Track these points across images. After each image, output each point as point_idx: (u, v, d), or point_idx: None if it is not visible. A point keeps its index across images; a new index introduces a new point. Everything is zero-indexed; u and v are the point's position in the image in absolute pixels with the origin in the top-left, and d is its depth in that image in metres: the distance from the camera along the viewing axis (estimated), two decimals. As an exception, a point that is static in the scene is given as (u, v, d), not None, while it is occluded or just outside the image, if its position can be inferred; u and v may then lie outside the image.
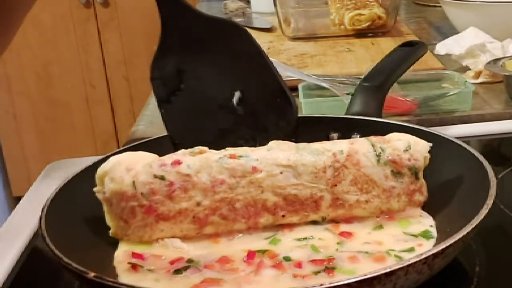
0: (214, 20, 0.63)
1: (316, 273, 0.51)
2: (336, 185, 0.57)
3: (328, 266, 0.52)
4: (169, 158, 0.56)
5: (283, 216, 0.57)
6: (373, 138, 0.60)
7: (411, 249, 0.54)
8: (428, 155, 0.59)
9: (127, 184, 0.55)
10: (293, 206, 0.57)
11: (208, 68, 0.63)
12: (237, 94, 0.62)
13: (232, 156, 0.56)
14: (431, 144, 0.59)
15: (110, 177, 0.55)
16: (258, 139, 0.61)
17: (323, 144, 0.59)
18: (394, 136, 0.61)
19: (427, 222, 0.58)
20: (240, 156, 0.56)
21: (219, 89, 0.63)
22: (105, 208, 0.57)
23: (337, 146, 0.59)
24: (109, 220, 0.57)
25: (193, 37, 0.62)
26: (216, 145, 0.58)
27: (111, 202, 0.56)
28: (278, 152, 0.57)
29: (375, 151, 0.58)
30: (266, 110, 0.62)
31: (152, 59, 0.63)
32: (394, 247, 0.55)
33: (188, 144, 0.58)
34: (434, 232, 0.57)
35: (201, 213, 0.56)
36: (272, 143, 0.59)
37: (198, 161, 0.56)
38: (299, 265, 0.52)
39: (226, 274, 0.52)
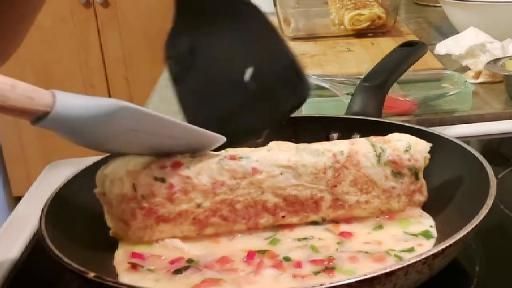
0: None
1: (316, 273, 0.51)
2: (336, 186, 0.57)
3: (328, 266, 0.52)
4: (169, 160, 0.56)
5: (283, 217, 0.57)
6: (373, 138, 0.60)
7: (411, 249, 0.54)
8: (428, 155, 0.59)
9: (127, 187, 0.55)
10: (293, 207, 0.57)
11: (221, 45, 0.63)
12: (249, 70, 0.62)
13: (232, 158, 0.56)
14: (431, 144, 0.59)
15: (110, 180, 0.55)
16: (269, 115, 0.61)
17: (323, 145, 0.59)
18: (394, 136, 0.60)
19: (427, 222, 0.59)
20: (241, 158, 0.56)
21: (232, 65, 0.63)
22: (105, 209, 0.56)
23: (337, 147, 0.59)
24: (109, 220, 0.56)
25: (206, 15, 0.63)
26: (229, 120, 0.59)
27: (111, 203, 0.56)
28: (278, 153, 0.57)
29: (375, 151, 0.58)
30: (278, 85, 0.62)
31: (166, 38, 0.64)
32: (394, 247, 0.55)
33: (201, 119, 0.58)
34: (434, 232, 0.57)
35: (202, 214, 0.56)
36: (272, 144, 0.59)
37: (198, 163, 0.56)
38: (299, 265, 0.52)
39: (226, 274, 0.52)
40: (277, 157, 0.57)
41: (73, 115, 0.48)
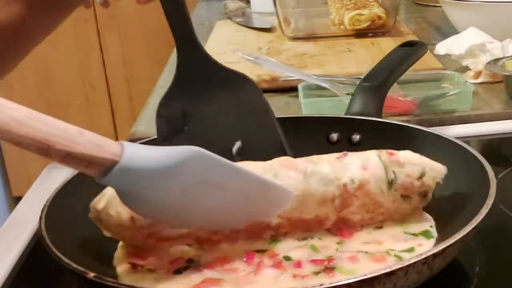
0: (229, 71, 0.64)
1: (316, 273, 0.51)
2: (342, 211, 0.56)
3: (328, 266, 0.52)
4: None
5: (285, 232, 0.56)
6: (386, 159, 0.57)
7: (411, 249, 0.54)
8: (441, 181, 0.58)
9: (125, 218, 0.54)
10: (296, 225, 0.56)
11: (213, 115, 0.64)
12: (237, 144, 0.64)
13: None
14: (446, 170, 0.57)
15: (106, 213, 0.54)
16: None
17: (334, 167, 0.56)
18: (409, 158, 0.57)
19: (427, 222, 0.58)
20: None
21: (221, 136, 0.64)
22: (101, 227, 0.56)
23: (348, 174, 0.56)
24: (107, 234, 0.56)
25: (205, 84, 0.64)
26: None
27: (109, 228, 0.55)
28: (286, 179, 0.55)
29: (387, 177, 0.56)
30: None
31: (162, 97, 0.64)
32: (394, 247, 0.55)
33: None
34: (434, 232, 0.57)
35: (204, 234, 0.55)
36: (276, 162, 0.56)
37: None
38: (299, 265, 0.52)
39: (226, 274, 0.52)
40: (284, 184, 0.55)
41: (142, 165, 0.46)
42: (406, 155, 0.57)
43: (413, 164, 0.57)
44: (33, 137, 0.42)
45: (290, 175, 0.55)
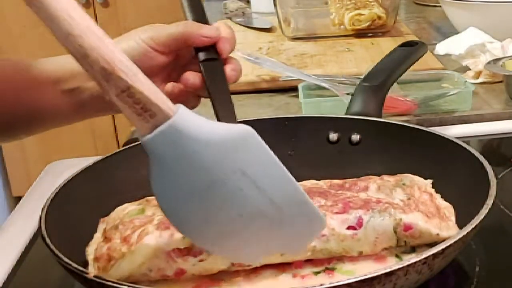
0: None
1: (316, 273, 0.51)
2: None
3: (328, 267, 0.52)
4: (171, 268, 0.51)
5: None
6: (401, 232, 0.52)
7: (411, 249, 0.54)
8: None
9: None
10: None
11: None
12: None
13: None
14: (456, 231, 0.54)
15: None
16: None
17: (343, 243, 0.52)
18: (424, 233, 0.53)
19: None
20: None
21: None
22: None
23: (358, 250, 0.52)
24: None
25: None
26: None
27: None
28: None
29: (397, 243, 0.53)
30: None
31: None
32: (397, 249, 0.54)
33: None
34: None
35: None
36: None
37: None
38: (299, 265, 0.52)
39: (226, 274, 0.52)
40: None
41: (193, 130, 0.41)
42: (422, 229, 0.53)
43: (428, 236, 0.53)
44: (102, 54, 0.40)
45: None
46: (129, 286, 0.45)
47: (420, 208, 0.54)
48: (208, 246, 0.48)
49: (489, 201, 0.52)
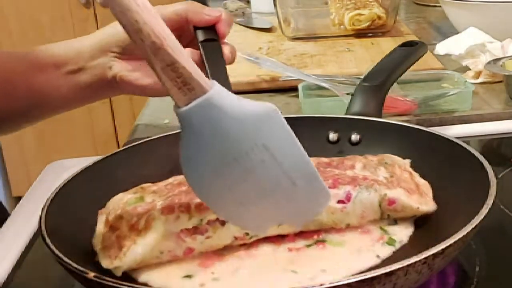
0: None
1: (308, 246, 0.54)
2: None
3: (318, 239, 0.54)
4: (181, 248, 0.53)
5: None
6: (385, 206, 0.57)
7: (394, 223, 0.57)
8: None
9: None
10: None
11: None
12: None
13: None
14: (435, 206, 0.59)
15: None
16: None
17: (333, 216, 0.56)
18: (406, 207, 0.57)
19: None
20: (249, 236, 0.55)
21: None
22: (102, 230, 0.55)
23: (346, 222, 0.56)
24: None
25: None
26: None
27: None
28: None
29: (381, 216, 0.57)
30: None
31: None
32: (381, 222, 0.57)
33: None
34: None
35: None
36: None
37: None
38: (292, 239, 0.54)
39: (228, 249, 0.54)
40: None
41: (226, 105, 0.45)
42: (405, 204, 0.57)
43: (409, 210, 0.57)
44: (153, 29, 0.43)
45: None
46: (129, 286, 0.45)
47: (402, 185, 0.58)
48: (225, 214, 0.51)
49: (489, 201, 0.52)
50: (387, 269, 0.45)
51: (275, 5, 1.34)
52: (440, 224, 0.58)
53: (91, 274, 0.46)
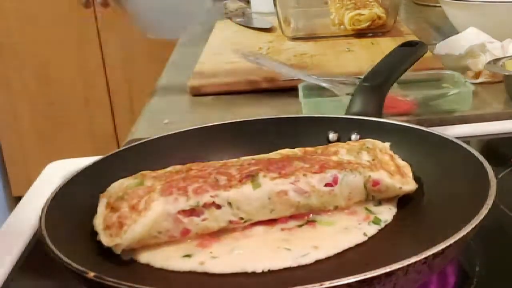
0: None
1: (300, 226, 0.57)
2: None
3: (309, 219, 0.57)
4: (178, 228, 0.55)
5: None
6: (370, 187, 0.59)
7: (378, 203, 0.59)
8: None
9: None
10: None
11: None
12: None
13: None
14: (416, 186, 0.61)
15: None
16: None
17: (322, 199, 0.58)
18: (389, 187, 0.60)
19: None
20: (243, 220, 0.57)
21: None
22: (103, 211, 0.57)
23: (333, 204, 0.59)
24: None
25: None
26: None
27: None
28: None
29: (366, 197, 0.60)
30: None
31: None
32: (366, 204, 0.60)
33: None
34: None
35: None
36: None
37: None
38: (284, 220, 0.57)
39: (224, 231, 0.56)
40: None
41: None
42: (388, 184, 0.60)
43: (392, 190, 0.60)
44: None
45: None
46: (129, 285, 0.45)
47: (384, 167, 0.61)
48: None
49: (489, 201, 0.52)
50: (387, 269, 0.45)
51: (275, 5, 1.34)
52: (422, 205, 0.59)
53: (91, 274, 0.46)
